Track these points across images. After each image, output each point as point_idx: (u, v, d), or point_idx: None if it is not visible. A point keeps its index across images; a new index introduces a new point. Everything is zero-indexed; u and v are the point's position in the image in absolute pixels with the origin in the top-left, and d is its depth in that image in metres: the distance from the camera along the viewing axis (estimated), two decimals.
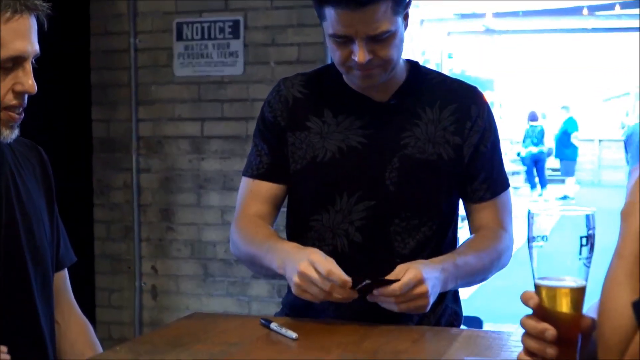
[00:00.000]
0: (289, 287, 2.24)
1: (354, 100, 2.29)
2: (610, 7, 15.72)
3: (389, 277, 1.96)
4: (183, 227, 5.14)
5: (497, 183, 2.34)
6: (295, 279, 1.96)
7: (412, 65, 2.35)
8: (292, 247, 2.10)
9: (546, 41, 23.13)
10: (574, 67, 25.89)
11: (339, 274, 1.92)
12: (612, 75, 25.84)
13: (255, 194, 2.35)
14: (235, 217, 2.36)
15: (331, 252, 2.14)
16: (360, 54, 2.10)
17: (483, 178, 2.31)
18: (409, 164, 2.22)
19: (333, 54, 2.19)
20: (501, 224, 2.32)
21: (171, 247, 5.17)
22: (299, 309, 2.32)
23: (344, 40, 2.12)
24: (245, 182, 2.37)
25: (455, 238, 2.38)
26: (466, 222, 2.39)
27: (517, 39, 23.00)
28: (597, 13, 16.66)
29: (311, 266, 1.94)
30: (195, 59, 5.03)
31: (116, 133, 5.22)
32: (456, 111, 2.27)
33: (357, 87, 2.28)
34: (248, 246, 2.25)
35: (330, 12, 2.11)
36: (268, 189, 2.34)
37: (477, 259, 2.20)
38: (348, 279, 1.92)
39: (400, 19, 2.14)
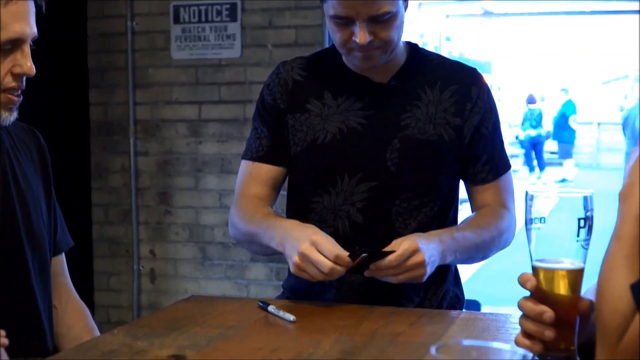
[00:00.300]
0: (289, 270, 2.24)
1: (354, 81, 2.29)
2: None
3: (386, 249, 1.96)
4: (181, 211, 5.14)
5: (499, 164, 2.34)
6: (296, 258, 1.96)
7: (412, 47, 2.35)
8: (292, 224, 2.10)
9: (545, 24, 23.10)
10: (572, 49, 25.84)
11: (344, 256, 1.92)
12: (610, 58, 25.81)
13: (254, 177, 2.35)
14: (234, 199, 2.36)
15: (332, 234, 2.13)
16: (361, 35, 2.10)
17: (485, 160, 2.31)
18: (409, 144, 2.22)
19: (333, 36, 2.19)
20: (503, 203, 2.33)
21: (169, 230, 5.17)
22: (299, 292, 2.34)
23: (345, 22, 2.12)
24: (245, 165, 2.37)
25: (456, 220, 2.39)
26: (466, 204, 2.40)
27: (516, 21, 22.97)
28: None
29: (313, 247, 1.94)
30: (192, 42, 5.02)
31: (114, 116, 5.21)
32: (456, 92, 2.27)
33: (357, 68, 2.28)
34: (247, 225, 2.25)
35: None
36: (267, 171, 2.34)
37: (477, 234, 2.21)
38: (349, 259, 1.92)
39: (400, 1, 2.14)
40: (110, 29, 5.16)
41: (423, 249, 1.97)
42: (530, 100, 18.55)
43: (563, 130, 17.90)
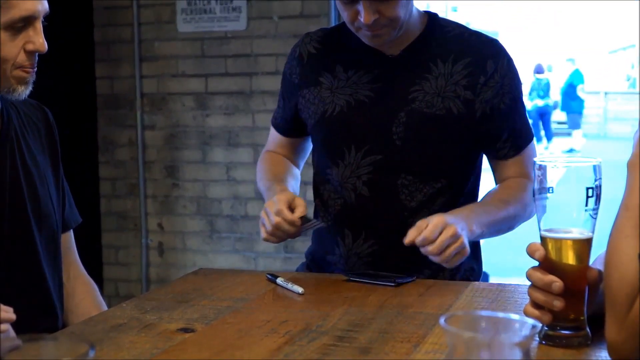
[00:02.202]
0: (312, 238, 2.45)
1: (365, 54, 2.28)
2: None
3: (412, 230, 1.97)
4: (188, 184, 5.14)
5: (521, 138, 2.30)
6: (261, 213, 2.15)
7: (431, 17, 2.32)
8: (278, 190, 2.22)
9: None
10: (579, 19, 25.72)
11: (286, 214, 2.06)
12: (617, 27, 25.68)
13: (278, 141, 2.54)
14: (263, 151, 2.57)
15: (341, 205, 2.27)
16: (365, 15, 2.10)
17: (506, 137, 2.28)
18: (416, 118, 2.20)
19: (342, 14, 2.20)
20: (527, 175, 2.29)
21: (177, 203, 5.17)
22: (316, 260, 2.41)
23: (350, 0, 2.11)
24: (272, 129, 2.55)
25: (475, 192, 2.36)
26: (488, 173, 2.38)
27: None
28: None
29: (272, 203, 2.11)
30: (198, 15, 5.01)
31: (120, 90, 5.21)
32: (470, 65, 2.23)
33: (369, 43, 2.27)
34: (260, 182, 2.44)
35: None
36: (287, 140, 2.51)
37: (501, 208, 2.19)
38: (295, 218, 2.07)
39: None
40: (116, 2, 5.15)
41: (451, 221, 1.97)
42: (538, 70, 18.45)
43: (571, 100, 17.86)
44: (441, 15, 2.39)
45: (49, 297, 2.01)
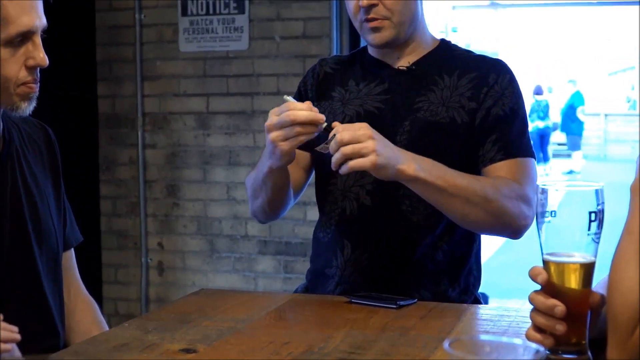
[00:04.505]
0: (310, 259, 2.40)
1: (376, 67, 2.35)
2: None
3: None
4: (189, 203, 5.15)
5: (514, 146, 2.22)
6: (269, 121, 1.97)
7: (443, 41, 2.40)
8: None
9: (551, 14, 23.05)
10: (579, 40, 25.78)
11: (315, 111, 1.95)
12: (617, 49, 25.75)
13: None
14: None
15: (340, 214, 2.27)
16: None
17: (495, 139, 2.21)
18: (419, 126, 2.23)
19: (347, 8, 2.28)
20: (518, 180, 2.17)
21: (177, 223, 5.17)
22: (315, 276, 2.37)
23: None
24: None
25: None
26: None
27: (523, 12, 22.94)
28: None
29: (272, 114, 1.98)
30: (200, 34, 5.02)
31: (122, 109, 5.22)
32: (475, 79, 2.27)
33: (378, 54, 2.34)
34: (251, 176, 2.31)
35: None
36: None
37: (464, 176, 2.08)
38: (320, 117, 1.95)
39: None
40: (119, 21, 5.17)
41: (375, 136, 1.93)
42: (538, 91, 18.44)
43: (571, 122, 17.87)
44: (440, 33, 2.44)
45: (50, 316, 2.01)
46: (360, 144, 1.89)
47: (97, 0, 5.20)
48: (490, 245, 7.31)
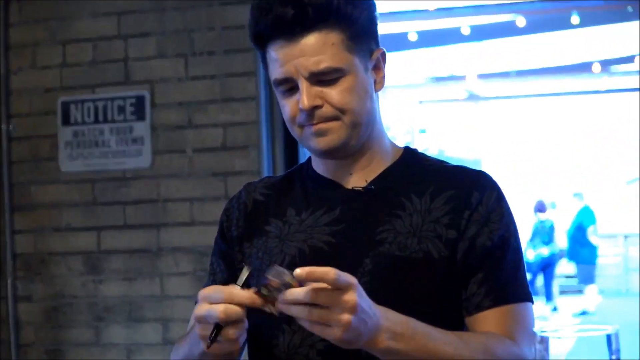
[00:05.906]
0: None
1: (323, 190, 2.34)
2: (629, 60, 15.91)
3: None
4: None
5: (505, 289, 2.23)
6: (193, 322, 2.04)
7: (407, 150, 2.40)
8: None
9: (547, 107, 23.40)
10: (584, 139, 26.16)
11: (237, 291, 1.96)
12: (635, 150, 26.11)
13: None
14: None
15: None
16: (303, 97, 2.16)
17: (481, 279, 2.22)
18: (384, 264, 2.20)
19: (283, 112, 2.26)
20: (510, 335, 2.17)
21: None
22: None
23: (289, 87, 2.19)
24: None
25: None
26: None
27: (510, 105, 23.27)
28: (613, 69, 16.92)
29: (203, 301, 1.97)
30: (87, 149, 5.04)
31: None
32: (452, 199, 2.26)
33: (320, 156, 2.32)
34: (179, 352, 2.27)
35: (270, 54, 2.20)
36: None
37: (448, 342, 2.07)
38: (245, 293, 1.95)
39: (357, 60, 2.21)
40: None
41: (360, 294, 1.90)
42: (540, 208, 18.29)
43: (581, 247, 17.82)
44: (405, 139, 2.45)
45: None
46: (335, 314, 1.87)
47: None
48: None
